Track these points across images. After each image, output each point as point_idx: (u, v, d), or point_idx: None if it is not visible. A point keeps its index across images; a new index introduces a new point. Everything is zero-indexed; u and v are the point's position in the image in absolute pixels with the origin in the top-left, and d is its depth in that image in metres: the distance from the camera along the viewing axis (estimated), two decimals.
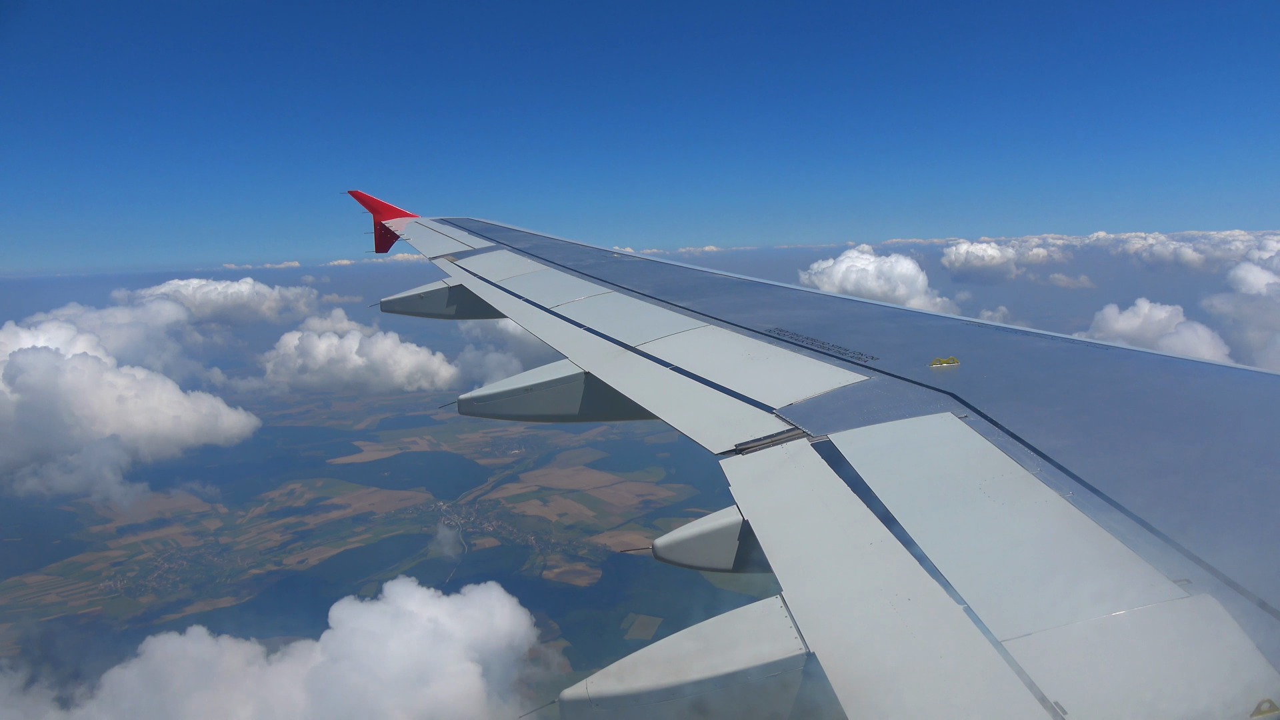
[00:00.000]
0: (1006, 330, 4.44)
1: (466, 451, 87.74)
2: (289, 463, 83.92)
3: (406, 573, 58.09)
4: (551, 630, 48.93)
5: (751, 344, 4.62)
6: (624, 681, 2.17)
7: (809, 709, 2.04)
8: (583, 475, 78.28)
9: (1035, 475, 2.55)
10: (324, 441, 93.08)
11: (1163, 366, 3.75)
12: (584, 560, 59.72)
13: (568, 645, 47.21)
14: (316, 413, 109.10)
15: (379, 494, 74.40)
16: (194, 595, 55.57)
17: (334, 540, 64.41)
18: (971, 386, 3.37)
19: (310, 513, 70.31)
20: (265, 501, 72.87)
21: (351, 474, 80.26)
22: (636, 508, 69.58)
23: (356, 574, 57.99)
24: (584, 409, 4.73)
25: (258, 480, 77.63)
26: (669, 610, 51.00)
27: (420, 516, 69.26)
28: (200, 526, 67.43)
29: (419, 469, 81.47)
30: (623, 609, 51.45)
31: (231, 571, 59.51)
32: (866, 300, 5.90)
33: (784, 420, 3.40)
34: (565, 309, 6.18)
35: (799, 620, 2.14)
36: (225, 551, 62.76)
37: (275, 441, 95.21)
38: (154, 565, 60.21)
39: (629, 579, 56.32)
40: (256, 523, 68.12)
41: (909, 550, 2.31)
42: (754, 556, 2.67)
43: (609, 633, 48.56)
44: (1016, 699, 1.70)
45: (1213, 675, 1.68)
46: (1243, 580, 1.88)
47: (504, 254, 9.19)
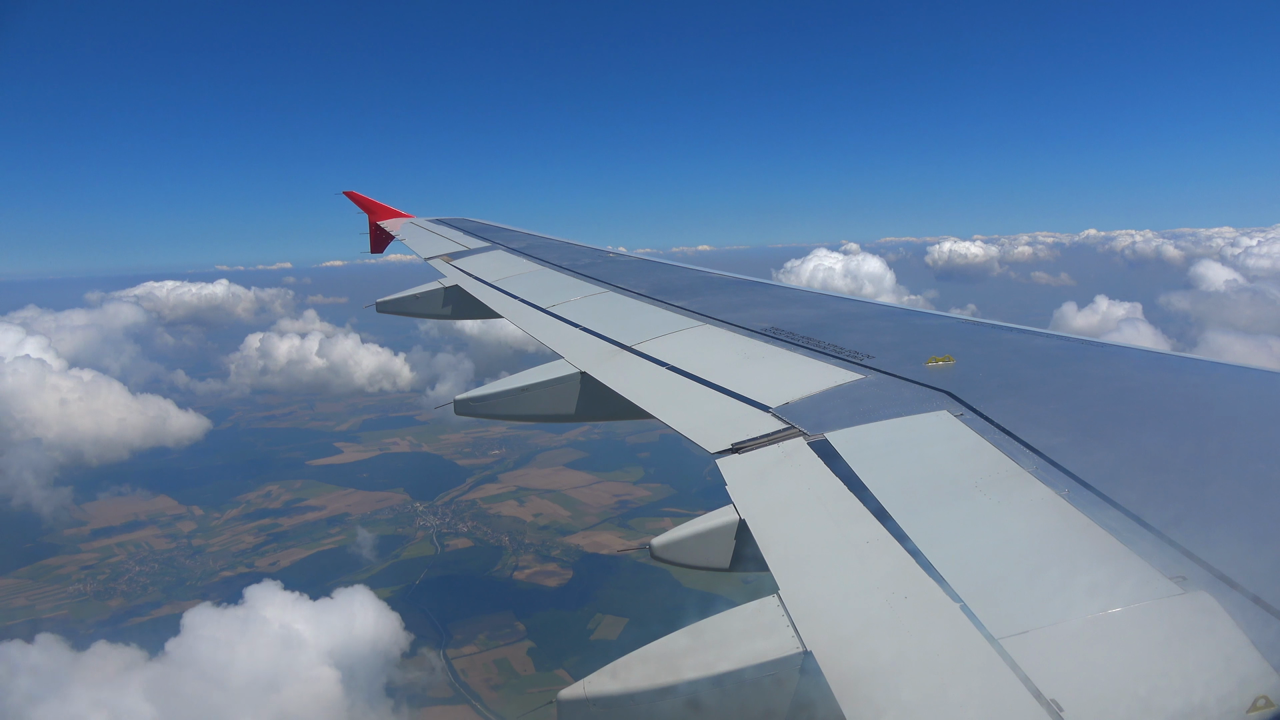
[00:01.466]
0: (1002, 328, 4.44)
1: (447, 452, 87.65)
2: (268, 465, 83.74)
3: (378, 574, 58.18)
4: (516, 631, 48.91)
5: (747, 343, 4.63)
6: (621, 681, 2.17)
7: (806, 707, 2.03)
8: (561, 475, 78.23)
9: (1031, 472, 2.55)
10: (305, 443, 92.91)
11: (1158, 363, 3.75)
12: (556, 561, 59.68)
13: (532, 646, 47.16)
14: (300, 414, 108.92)
15: (356, 495, 74.25)
16: (163, 598, 55.40)
17: (308, 542, 64.32)
18: (967, 384, 3.38)
19: (285, 514, 70.19)
20: (242, 504, 72.68)
21: (330, 475, 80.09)
22: (612, 508, 69.55)
23: (326, 576, 57.86)
24: (580, 409, 4.74)
25: (236, 482, 77.43)
26: (637, 611, 51.09)
27: (396, 517, 69.13)
28: (174, 529, 67.19)
29: (398, 470, 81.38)
30: (590, 609, 51.45)
31: (203, 574, 59.36)
32: (862, 299, 5.89)
33: (780, 419, 3.41)
34: (561, 309, 6.18)
35: (795, 618, 2.14)
36: (198, 554, 62.60)
37: (257, 443, 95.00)
38: (125, 568, 59.99)
39: (599, 579, 56.33)
40: (231, 525, 67.96)
41: (905, 548, 2.31)
42: (750, 555, 2.67)
43: (575, 633, 48.59)
44: (1012, 696, 1.70)
45: (1208, 672, 1.67)
46: (1238, 577, 1.87)
47: (499, 254, 9.18)
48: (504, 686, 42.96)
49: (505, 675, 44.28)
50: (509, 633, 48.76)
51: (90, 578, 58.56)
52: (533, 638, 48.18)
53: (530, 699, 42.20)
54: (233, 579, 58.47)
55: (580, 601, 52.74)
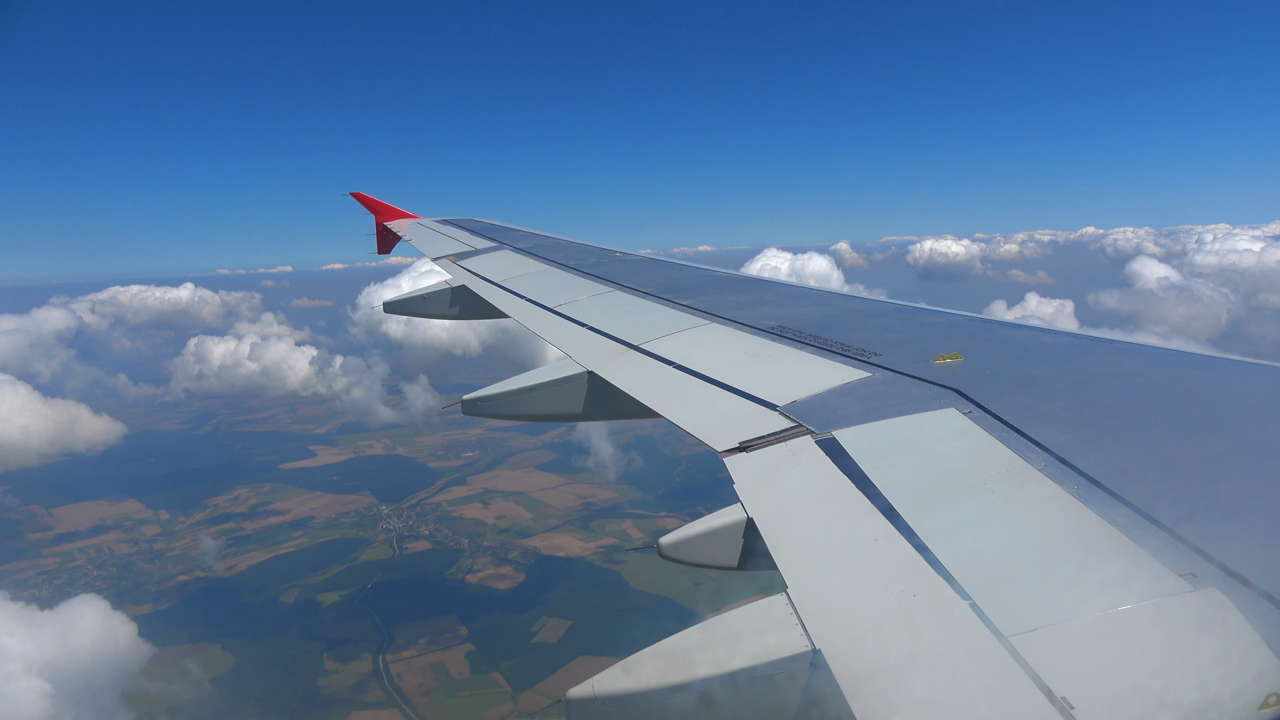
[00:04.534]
0: (1010, 325, 4.43)
1: (420, 455, 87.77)
2: (241, 468, 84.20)
3: (333, 577, 58.19)
4: (458, 635, 48.73)
5: (754, 341, 4.61)
6: (629, 679, 2.18)
7: (814, 706, 2.03)
8: (531, 477, 78.05)
9: (1040, 469, 2.54)
10: (281, 446, 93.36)
11: (1167, 360, 3.71)
12: (511, 563, 59.52)
13: (472, 650, 46.98)
14: (281, 417, 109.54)
15: (323, 498, 74.42)
16: (116, 602, 55.51)
17: (269, 546, 64.47)
18: (975, 382, 3.38)
19: (250, 518, 70.45)
20: (209, 507, 73.01)
21: (301, 479, 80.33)
22: (576, 509, 69.28)
23: (282, 580, 58.03)
24: (588, 408, 4.73)
25: (207, 486, 77.87)
26: (583, 613, 50.85)
27: (360, 521, 69.21)
28: (139, 533, 67.61)
29: (368, 473, 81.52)
30: (536, 612, 51.27)
31: (160, 578, 59.63)
32: (869, 297, 5.85)
33: (788, 417, 3.40)
34: (568, 308, 6.18)
35: (804, 617, 2.13)
36: (158, 558, 62.89)
37: (235, 447, 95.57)
38: (84, 573, 60.38)
39: (551, 582, 56.12)
40: (195, 529, 68.20)
41: (914, 546, 2.30)
42: (758, 554, 2.68)
43: (517, 636, 48.41)
44: (1023, 694, 1.69)
45: (1220, 669, 1.66)
46: (1249, 574, 1.86)
47: (506, 254, 9.15)
48: (436, 691, 42.79)
49: (440, 679, 44.10)
50: (450, 636, 48.60)
51: (47, 582, 58.92)
52: (474, 641, 48.03)
53: (461, 703, 42.06)
54: (187, 583, 58.84)
55: (528, 604, 52.54)
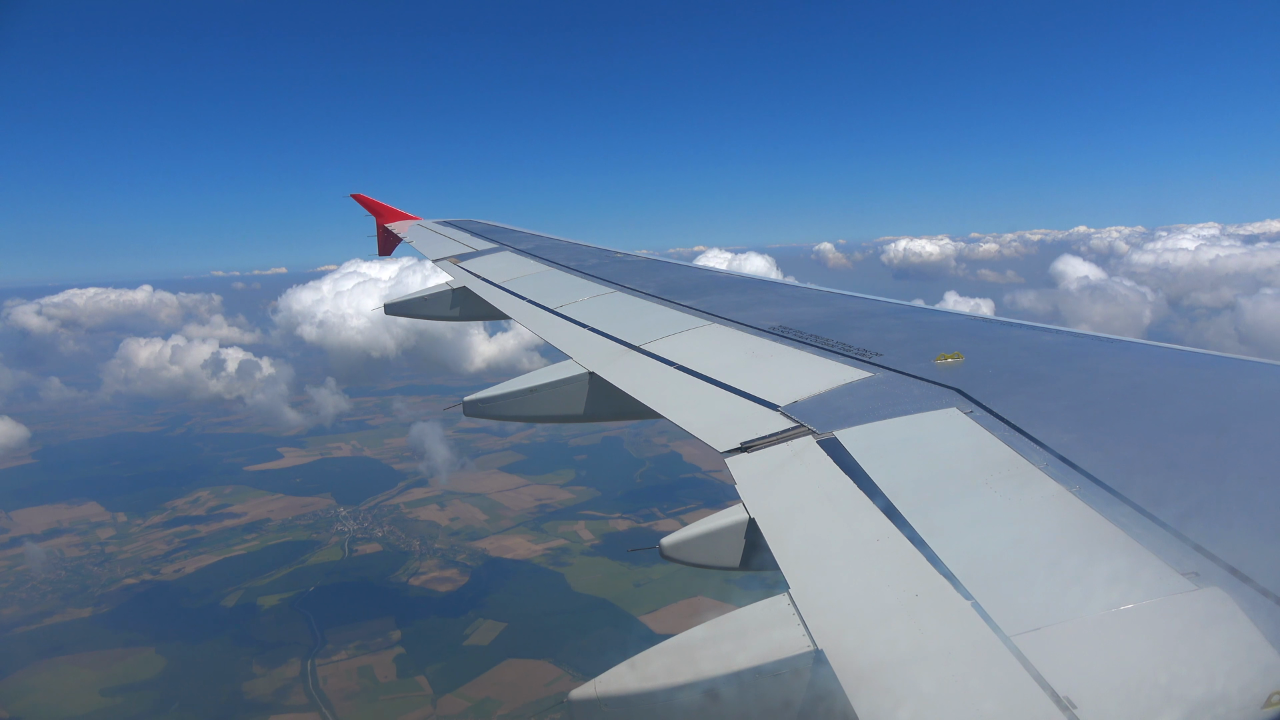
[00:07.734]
0: (1011, 325, 4.43)
1: (385, 456, 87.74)
2: (206, 470, 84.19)
3: (277, 580, 58.08)
4: (389, 639, 48.57)
5: (755, 342, 4.61)
6: (632, 680, 2.18)
7: (817, 705, 2.02)
8: (493, 479, 77.98)
9: (1042, 469, 2.53)
10: (250, 448, 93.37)
11: (1169, 359, 3.70)
12: (458, 566, 59.40)
13: (401, 653, 46.84)
14: (252, 419, 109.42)
15: (282, 500, 74.41)
16: (59, 606, 55.65)
17: (220, 548, 64.40)
18: (976, 381, 3.37)
19: (206, 521, 70.39)
20: (167, 510, 72.99)
21: (263, 481, 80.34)
22: (531, 511, 69.17)
23: (226, 583, 57.94)
24: (589, 409, 4.72)
25: (169, 489, 77.87)
26: (519, 615, 50.67)
27: (316, 523, 69.16)
28: (92, 536, 67.59)
29: (331, 475, 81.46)
30: (472, 615, 51.21)
31: (107, 581, 59.59)
32: (870, 297, 5.84)
33: (789, 418, 3.38)
34: (569, 309, 6.17)
35: (806, 617, 2.12)
36: (107, 561, 62.88)
37: (204, 449, 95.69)
38: (30, 576, 60.38)
39: (494, 584, 56.01)
40: (149, 531, 68.25)
41: (916, 546, 2.29)
42: (760, 554, 2.67)
43: (449, 639, 48.30)
44: (1026, 694, 1.68)
45: (1223, 668, 1.65)
46: (1252, 572, 1.85)
47: (507, 255, 9.17)
48: (358, 695, 42.71)
49: (365, 682, 44.02)
50: (382, 640, 48.47)
51: None
52: (405, 644, 47.94)
53: (381, 706, 41.94)
54: (133, 586, 58.76)
55: (466, 607, 52.44)
